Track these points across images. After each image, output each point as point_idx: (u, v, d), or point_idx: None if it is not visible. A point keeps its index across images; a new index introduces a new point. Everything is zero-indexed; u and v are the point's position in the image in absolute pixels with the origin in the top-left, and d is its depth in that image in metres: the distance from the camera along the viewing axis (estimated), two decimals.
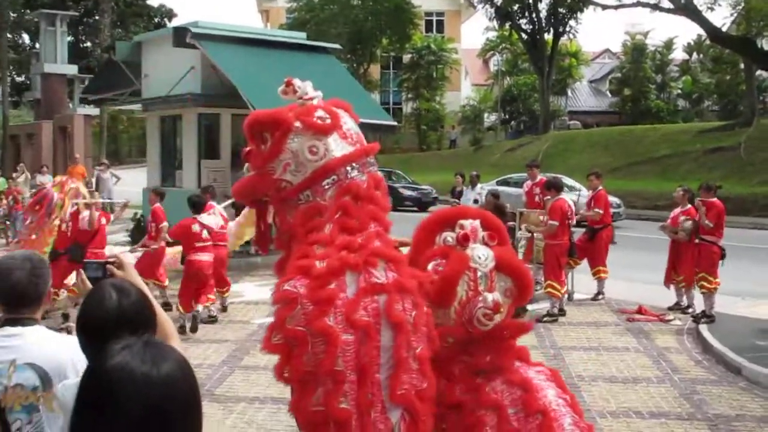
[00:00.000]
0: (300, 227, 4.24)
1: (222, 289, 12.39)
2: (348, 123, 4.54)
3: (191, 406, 1.71)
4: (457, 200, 17.88)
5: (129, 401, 1.60)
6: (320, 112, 4.43)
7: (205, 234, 11.30)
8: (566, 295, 12.42)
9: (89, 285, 3.10)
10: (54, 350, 3.25)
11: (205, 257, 11.25)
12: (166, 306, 11.80)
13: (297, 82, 4.60)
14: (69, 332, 4.11)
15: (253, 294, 13.80)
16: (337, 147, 4.34)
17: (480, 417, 4.91)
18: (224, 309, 12.48)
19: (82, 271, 3.24)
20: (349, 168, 4.34)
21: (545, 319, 11.81)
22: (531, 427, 4.79)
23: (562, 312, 12.07)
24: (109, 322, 2.59)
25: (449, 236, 4.39)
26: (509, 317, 4.54)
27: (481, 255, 4.26)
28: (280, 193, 4.40)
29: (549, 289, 12.02)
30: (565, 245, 12.28)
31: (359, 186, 4.27)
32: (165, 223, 12.15)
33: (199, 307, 11.33)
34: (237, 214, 13.24)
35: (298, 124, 4.35)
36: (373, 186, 4.36)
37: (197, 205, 11.55)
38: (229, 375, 9.23)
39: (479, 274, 4.23)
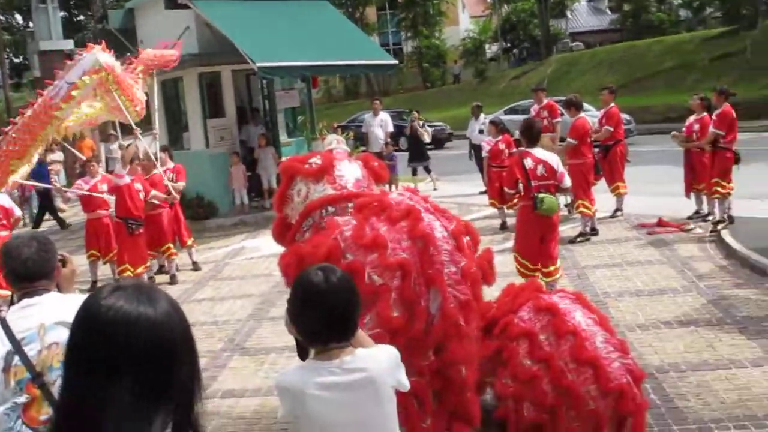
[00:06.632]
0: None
1: None
2: (344, 171, 4.99)
3: (188, 343, 1.66)
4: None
5: (124, 340, 1.57)
6: (315, 159, 5.04)
7: None
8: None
9: None
10: (78, 306, 3.32)
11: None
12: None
13: (328, 137, 5.63)
14: None
15: (272, 248, 13.61)
16: (323, 191, 4.85)
17: (513, 348, 5.00)
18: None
19: None
20: (323, 211, 4.79)
21: (579, 239, 11.76)
22: (563, 349, 4.86)
23: (594, 231, 12.00)
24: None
25: None
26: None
27: None
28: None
29: (581, 209, 11.94)
30: (590, 163, 12.20)
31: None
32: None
33: None
34: None
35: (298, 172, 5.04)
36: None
37: None
38: (257, 328, 9.30)
39: None
